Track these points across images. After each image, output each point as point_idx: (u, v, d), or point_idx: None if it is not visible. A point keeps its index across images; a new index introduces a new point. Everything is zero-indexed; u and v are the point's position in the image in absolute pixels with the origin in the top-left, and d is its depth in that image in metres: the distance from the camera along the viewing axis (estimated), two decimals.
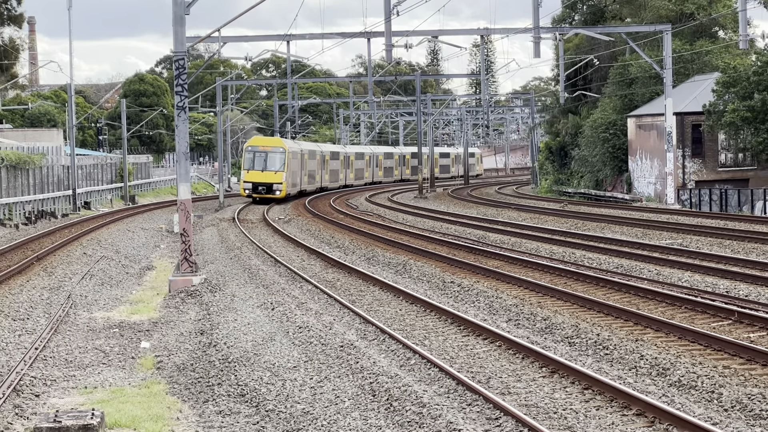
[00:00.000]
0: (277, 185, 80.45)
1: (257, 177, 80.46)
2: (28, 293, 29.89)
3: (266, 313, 25.14)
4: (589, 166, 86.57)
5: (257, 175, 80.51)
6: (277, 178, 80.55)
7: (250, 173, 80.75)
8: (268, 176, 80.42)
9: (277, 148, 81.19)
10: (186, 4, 32.05)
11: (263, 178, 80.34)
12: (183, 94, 32.07)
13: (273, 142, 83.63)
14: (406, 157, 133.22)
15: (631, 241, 39.06)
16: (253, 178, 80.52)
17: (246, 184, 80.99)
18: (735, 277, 28.46)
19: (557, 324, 21.86)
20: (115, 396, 17.85)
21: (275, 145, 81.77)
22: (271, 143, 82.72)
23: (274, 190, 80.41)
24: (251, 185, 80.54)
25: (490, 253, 36.84)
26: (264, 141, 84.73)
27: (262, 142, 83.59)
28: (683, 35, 78.71)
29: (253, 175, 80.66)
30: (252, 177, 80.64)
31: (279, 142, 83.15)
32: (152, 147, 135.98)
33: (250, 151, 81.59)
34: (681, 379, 16.68)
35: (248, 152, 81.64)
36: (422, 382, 17.00)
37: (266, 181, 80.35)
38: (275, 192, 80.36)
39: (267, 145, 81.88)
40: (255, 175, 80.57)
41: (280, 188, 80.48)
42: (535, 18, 55.31)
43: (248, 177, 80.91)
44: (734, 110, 63.17)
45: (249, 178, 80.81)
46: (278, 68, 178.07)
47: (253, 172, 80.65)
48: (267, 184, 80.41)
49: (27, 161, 65.83)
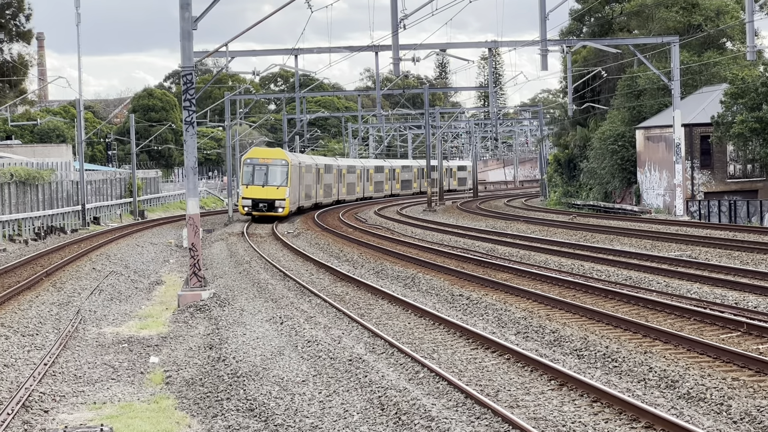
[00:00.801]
0: (279, 202, 72.95)
1: (257, 192, 73.04)
2: (37, 309, 29.92)
3: (275, 328, 25.14)
4: (597, 178, 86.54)
5: (257, 191, 73.08)
6: (279, 194, 73.07)
7: (250, 188, 73.09)
8: (269, 192, 73.12)
9: (278, 160, 73.68)
10: (193, 19, 32.12)
11: (264, 194, 72.98)
12: (191, 109, 32.13)
13: (274, 153, 75.38)
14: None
15: (640, 253, 39.01)
16: (253, 193, 73.01)
17: (245, 200, 73.08)
18: (744, 289, 28.40)
19: (566, 336, 21.84)
20: (124, 411, 17.90)
21: (277, 157, 74.02)
22: (271, 155, 74.74)
23: (276, 207, 72.79)
24: (251, 202, 72.83)
25: (499, 265, 36.81)
26: (264, 153, 76.20)
27: (262, 154, 75.37)
28: (691, 47, 78.73)
29: (252, 190, 73.13)
30: (251, 192, 73.09)
31: (280, 153, 75.22)
32: (161, 162, 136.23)
33: (248, 164, 73.79)
34: (690, 392, 16.65)
35: (247, 165, 73.80)
36: (431, 396, 16.99)
37: (267, 197, 72.99)
38: (277, 209, 72.69)
39: (267, 157, 74.04)
40: (255, 191, 73.10)
41: (283, 205, 72.81)
42: (543, 31, 55.34)
43: (247, 193, 73.17)
44: (742, 121, 63.13)
45: (248, 194, 73.11)
46: (286, 82, 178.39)
47: (252, 188, 73.08)
48: (268, 201, 72.99)
49: (36, 177, 65.97)
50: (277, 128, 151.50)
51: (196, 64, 36.11)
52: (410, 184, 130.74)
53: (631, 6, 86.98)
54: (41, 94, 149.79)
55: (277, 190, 72.94)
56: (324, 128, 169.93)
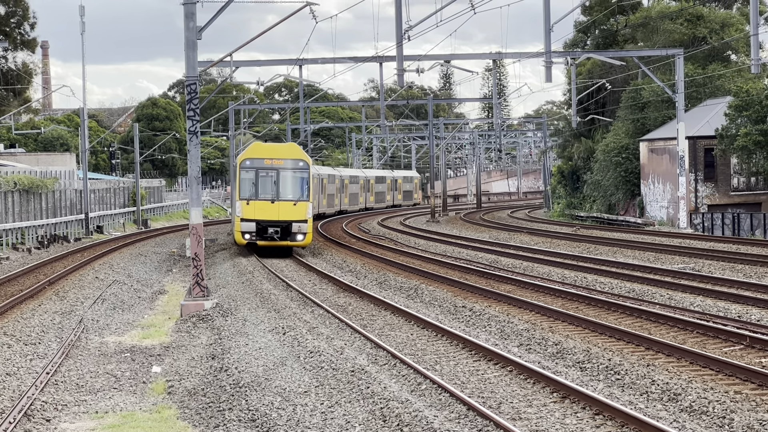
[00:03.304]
0: (298, 225, 49.37)
1: (264, 211, 49.58)
2: (39, 317, 29.91)
3: (277, 338, 25.12)
4: (601, 190, 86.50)
5: (264, 209, 49.62)
6: (298, 213, 49.43)
7: (252, 206, 49.70)
8: (283, 210, 49.51)
9: (294, 161, 50.40)
10: (198, 29, 32.16)
11: (275, 214, 49.49)
12: (195, 119, 32.15)
13: (287, 150, 51.64)
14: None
15: (643, 266, 38.99)
16: (258, 213, 49.59)
17: (245, 224, 49.61)
18: (747, 302, 28.40)
19: (569, 349, 21.83)
20: (126, 421, 17.87)
21: (291, 156, 50.63)
22: (283, 153, 51.12)
23: (294, 234, 49.36)
24: (254, 226, 49.44)
25: (502, 277, 36.80)
26: (272, 150, 51.99)
27: (270, 152, 51.24)
28: (695, 59, 78.71)
29: (256, 208, 49.70)
30: (255, 211, 49.68)
31: (296, 150, 51.64)
32: (165, 171, 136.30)
33: (248, 167, 50.31)
34: (692, 405, 16.64)
35: (246, 169, 50.29)
36: (433, 407, 16.97)
37: (280, 217, 49.43)
38: (296, 236, 49.40)
39: (277, 157, 50.55)
40: (260, 209, 49.65)
41: (304, 229, 49.40)
42: (547, 42, 55.37)
43: (248, 212, 49.75)
44: (747, 134, 63.11)
45: (250, 214, 49.70)
46: (290, 92, 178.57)
47: (256, 204, 49.69)
48: (282, 224, 49.39)
49: (40, 185, 66.00)
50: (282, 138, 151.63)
51: (201, 73, 36.13)
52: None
53: (635, 18, 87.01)
54: (45, 103, 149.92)
55: (295, 207, 49.43)
56: (328, 138, 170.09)
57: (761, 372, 18.28)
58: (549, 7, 55.26)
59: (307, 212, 49.58)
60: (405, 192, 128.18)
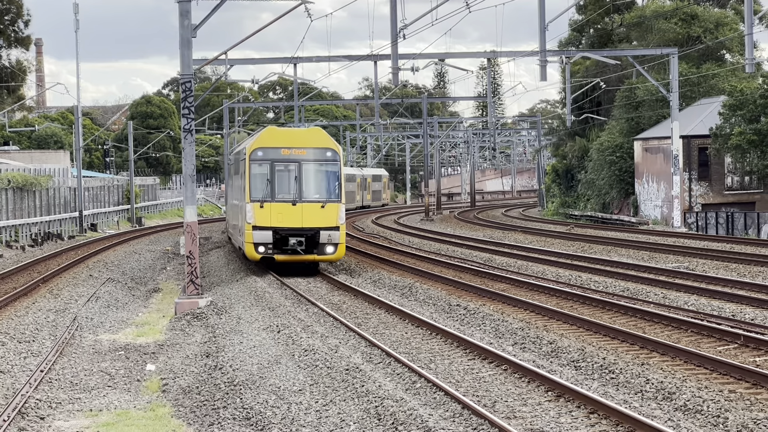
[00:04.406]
0: (327, 233, 39.07)
1: (284, 216, 39.08)
2: (33, 315, 29.87)
3: (272, 336, 25.11)
4: (595, 189, 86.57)
5: (284, 213, 39.11)
6: (327, 218, 39.22)
7: (268, 209, 39.11)
8: (308, 214, 39.17)
9: (321, 150, 39.92)
10: (193, 27, 32.14)
11: (297, 219, 39.08)
12: (190, 117, 32.13)
13: (310, 137, 40.48)
14: None
15: (638, 265, 39.02)
16: (276, 218, 39.08)
17: (258, 232, 38.99)
18: (741, 301, 28.44)
19: (563, 347, 21.85)
20: (121, 419, 17.87)
21: (317, 144, 40.07)
22: (307, 140, 40.14)
23: (324, 245, 39.06)
24: (271, 235, 38.93)
25: (496, 276, 36.81)
26: (293, 137, 40.55)
27: (290, 140, 40.15)
28: (690, 58, 78.80)
29: (273, 212, 39.13)
30: (272, 216, 39.10)
31: (321, 136, 40.64)
32: (159, 169, 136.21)
33: (261, 159, 39.70)
34: (687, 404, 16.67)
35: (258, 162, 39.70)
36: (428, 406, 16.98)
37: (305, 224, 39.05)
38: (325, 248, 39.09)
39: (300, 146, 39.88)
40: (279, 213, 39.12)
41: (336, 238, 39.15)
42: (542, 41, 55.38)
43: (262, 217, 39.10)
44: (741, 133, 63.18)
45: (264, 220, 39.07)
46: (285, 90, 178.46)
47: (274, 207, 39.12)
48: (307, 233, 39.06)
49: (33, 183, 65.93)
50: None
51: (195, 72, 36.11)
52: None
53: (630, 17, 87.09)
54: (39, 100, 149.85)
55: (323, 210, 39.19)
56: None
57: (755, 371, 18.31)
58: (544, 5, 55.26)
59: (338, 217, 38.98)
60: (374, 192, 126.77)
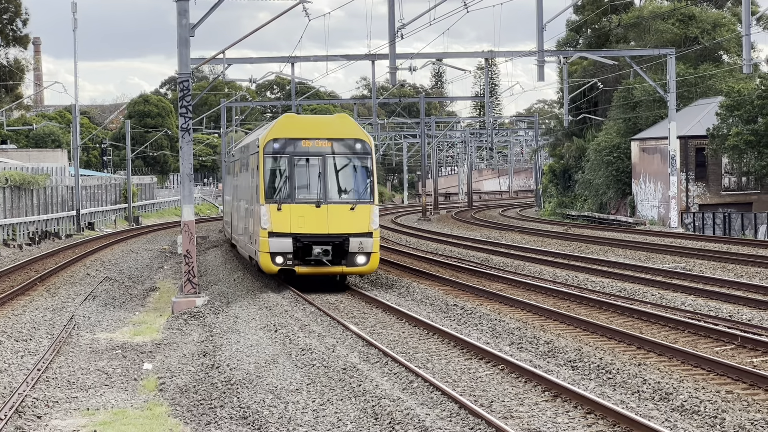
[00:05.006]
0: (358, 241, 33.54)
1: (307, 221, 33.54)
2: (31, 314, 29.90)
3: (269, 335, 25.13)
4: (592, 189, 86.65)
5: (306, 218, 33.55)
6: (358, 222, 33.77)
7: (286, 212, 33.55)
8: (336, 217, 33.65)
9: (349, 141, 34.35)
10: (191, 26, 32.13)
11: (322, 224, 33.54)
12: (187, 116, 32.13)
13: (335, 126, 34.87)
14: None
15: (635, 265, 39.06)
16: (297, 223, 33.53)
17: (276, 240, 33.46)
18: (738, 302, 28.48)
19: (560, 348, 21.88)
20: (117, 418, 17.86)
21: (345, 135, 34.48)
22: (331, 129, 34.65)
23: (353, 255, 33.53)
24: (291, 243, 33.38)
25: (493, 275, 36.85)
26: (314, 126, 34.99)
27: (311, 129, 34.60)
28: (687, 59, 78.88)
29: (294, 216, 33.56)
30: (292, 221, 33.57)
31: (349, 125, 34.98)
32: (156, 168, 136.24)
33: (279, 152, 34.10)
34: (684, 404, 16.69)
35: (275, 156, 34.10)
36: (424, 406, 16.99)
37: (332, 230, 33.51)
38: (355, 258, 33.55)
39: (324, 136, 34.31)
40: (300, 217, 33.54)
41: (368, 246, 33.63)
42: (540, 41, 55.42)
43: (280, 221, 33.57)
44: (738, 134, 63.27)
45: (283, 226, 33.53)
46: (282, 90, 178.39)
47: (294, 210, 33.58)
48: (335, 240, 33.52)
49: (31, 181, 65.95)
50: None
51: (193, 71, 36.10)
52: None
53: (628, 18, 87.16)
54: (37, 99, 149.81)
55: (353, 213, 33.72)
56: None
57: (753, 372, 18.34)
58: (542, 6, 55.34)
59: (371, 221, 33.57)
60: None
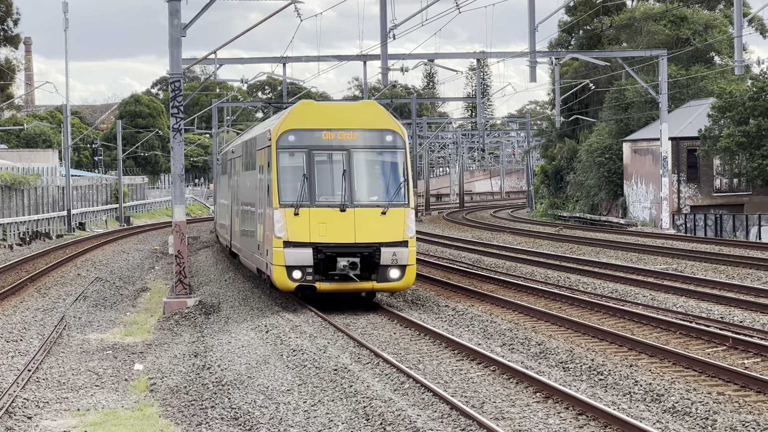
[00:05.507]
0: (392, 251, 28.35)
1: (330, 228, 28.35)
2: (21, 314, 29.88)
3: (260, 336, 25.14)
4: (584, 190, 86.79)
5: (330, 222, 28.41)
6: (390, 229, 28.58)
7: (304, 217, 28.45)
8: (364, 224, 28.46)
9: (378, 132, 29.36)
10: (182, 26, 32.11)
11: (348, 231, 28.38)
12: (179, 116, 32.12)
13: (361, 114, 29.85)
14: None
15: (626, 266, 39.12)
16: (318, 231, 28.32)
17: (293, 251, 28.20)
18: (729, 303, 28.53)
19: (552, 349, 21.91)
20: (108, 418, 17.85)
21: (373, 125, 29.50)
22: (356, 118, 29.67)
23: (386, 268, 28.34)
24: (311, 254, 28.16)
25: (485, 277, 36.88)
26: (336, 114, 29.94)
27: (332, 119, 29.54)
28: (679, 60, 79.03)
29: (314, 222, 28.43)
30: (312, 228, 28.36)
31: (377, 113, 29.79)
32: (147, 168, 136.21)
33: (294, 146, 29.15)
34: (675, 406, 16.71)
35: (290, 151, 29.15)
36: (416, 407, 17.00)
37: (360, 239, 28.29)
38: (388, 272, 28.34)
39: (348, 126, 29.34)
40: (323, 222, 28.40)
41: (404, 258, 28.43)
42: (532, 42, 55.48)
43: (298, 229, 28.38)
44: (729, 135, 63.39)
45: (302, 234, 28.33)
46: (274, 90, 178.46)
47: (313, 215, 28.49)
48: (363, 250, 28.27)
49: (22, 182, 65.90)
50: None
51: (184, 71, 36.07)
52: None
53: (620, 19, 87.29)
54: (28, 99, 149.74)
55: (385, 218, 28.69)
56: None
57: (744, 373, 18.38)
58: (534, 6, 55.41)
59: (406, 227, 28.50)
60: None
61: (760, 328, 23.76)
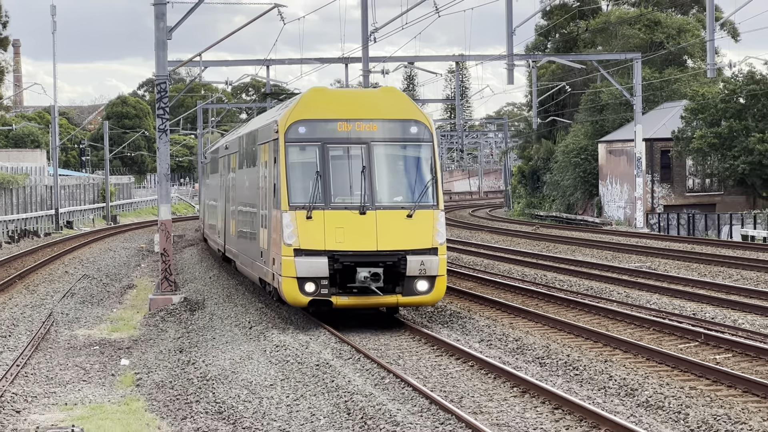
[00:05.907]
0: (419, 260, 24.27)
1: (348, 232, 24.24)
2: (10, 311, 30.05)
3: (244, 332, 25.26)
4: (560, 190, 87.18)
5: (347, 227, 24.29)
6: (419, 233, 24.53)
7: (318, 220, 24.28)
8: (386, 229, 24.33)
9: (401, 123, 25.30)
10: (168, 29, 32.41)
11: (369, 238, 24.25)
12: (164, 117, 32.42)
13: (381, 103, 25.71)
14: None
15: (601, 264, 39.39)
16: (333, 237, 24.17)
17: (306, 261, 24.03)
18: (701, 300, 28.77)
19: (528, 345, 22.03)
20: (95, 413, 17.96)
21: (395, 115, 25.41)
22: (376, 107, 25.57)
23: (412, 279, 24.26)
24: (326, 265, 24.00)
25: (463, 274, 37.07)
26: (352, 103, 25.66)
27: (348, 108, 25.37)
28: (653, 63, 79.59)
29: (332, 226, 24.24)
30: (327, 234, 24.18)
31: (399, 101, 25.78)
32: (134, 168, 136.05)
33: (305, 139, 24.97)
34: (649, 400, 16.86)
35: (301, 144, 25.01)
36: (396, 401, 17.15)
37: (382, 246, 24.18)
38: (414, 284, 24.26)
39: (366, 116, 25.24)
40: (339, 227, 24.27)
41: (434, 268, 24.34)
42: (509, 45, 55.94)
43: (310, 235, 24.20)
44: (702, 137, 64.02)
45: (315, 241, 24.14)
46: (258, 92, 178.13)
47: (329, 218, 24.31)
48: (386, 259, 24.16)
49: (10, 181, 66.05)
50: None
51: (170, 73, 36.42)
52: None
53: (595, 23, 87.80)
54: (16, 100, 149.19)
55: (411, 221, 24.68)
56: None
57: (715, 368, 18.61)
58: (512, 10, 55.85)
59: (435, 231, 24.83)
60: None
61: (731, 325, 24.06)
